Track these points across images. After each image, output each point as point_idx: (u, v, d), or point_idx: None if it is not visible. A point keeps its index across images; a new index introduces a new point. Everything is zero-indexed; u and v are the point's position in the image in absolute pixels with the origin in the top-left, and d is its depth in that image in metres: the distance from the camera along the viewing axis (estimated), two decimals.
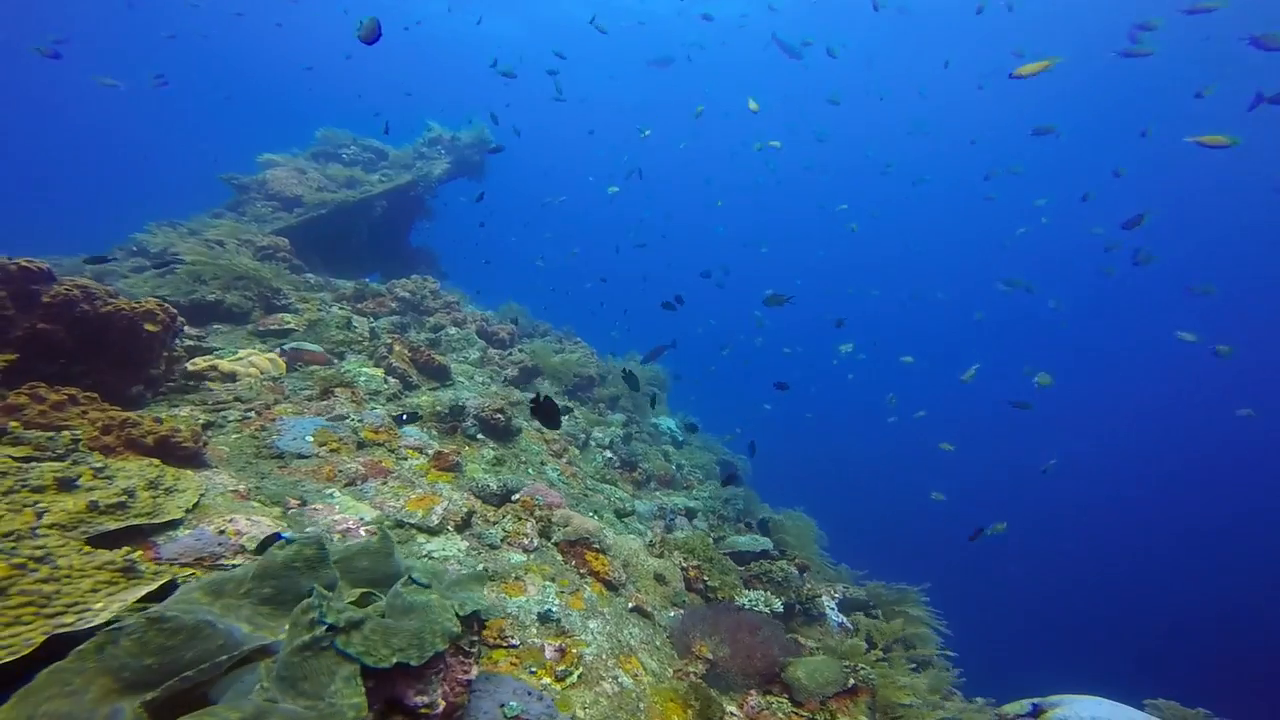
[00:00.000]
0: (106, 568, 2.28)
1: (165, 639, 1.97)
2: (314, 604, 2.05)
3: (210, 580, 2.35)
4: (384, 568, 2.73)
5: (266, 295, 7.64)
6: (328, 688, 1.96)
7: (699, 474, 8.71)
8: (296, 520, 3.66)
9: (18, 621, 2.01)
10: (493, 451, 5.63)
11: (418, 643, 2.18)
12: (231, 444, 4.34)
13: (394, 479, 4.49)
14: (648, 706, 3.32)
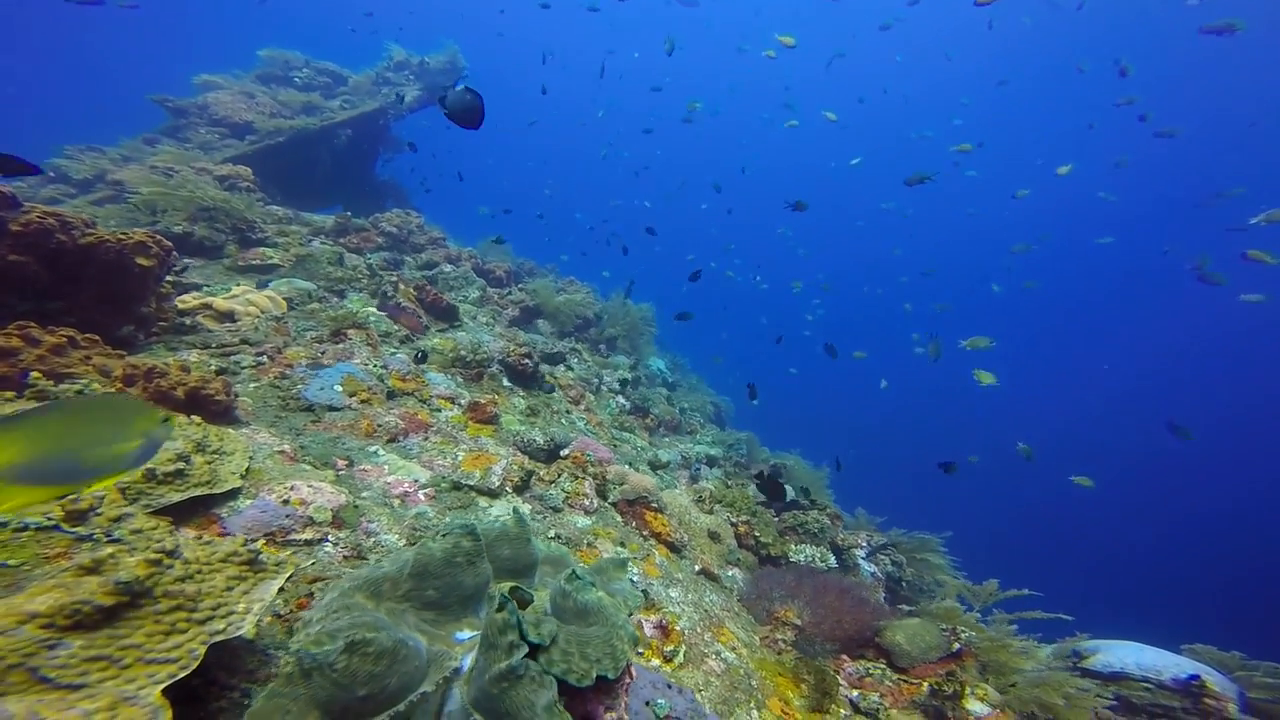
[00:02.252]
0: (232, 560, 1.96)
1: (371, 665, 1.68)
2: (512, 622, 1.80)
3: (362, 579, 2.05)
4: (523, 555, 2.47)
5: (240, 228, 6.95)
6: (535, 709, 1.75)
7: (698, 417, 8.65)
8: (350, 485, 3.34)
9: (175, 630, 1.69)
10: (524, 400, 5.33)
11: (610, 651, 1.96)
12: (252, 394, 3.92)
13: (434, 434, 4.17)
14: (759, 684, 3.23)
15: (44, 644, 1.52)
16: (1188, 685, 4.63)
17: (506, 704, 1.76)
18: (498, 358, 5.56)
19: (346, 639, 1.66)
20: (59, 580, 1.66)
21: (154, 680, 1.63)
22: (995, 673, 4.10)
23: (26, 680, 1.46)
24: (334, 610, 1.87)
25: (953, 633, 4.14)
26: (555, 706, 1.76)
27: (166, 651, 1.67)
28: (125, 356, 3.45)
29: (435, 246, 8.83)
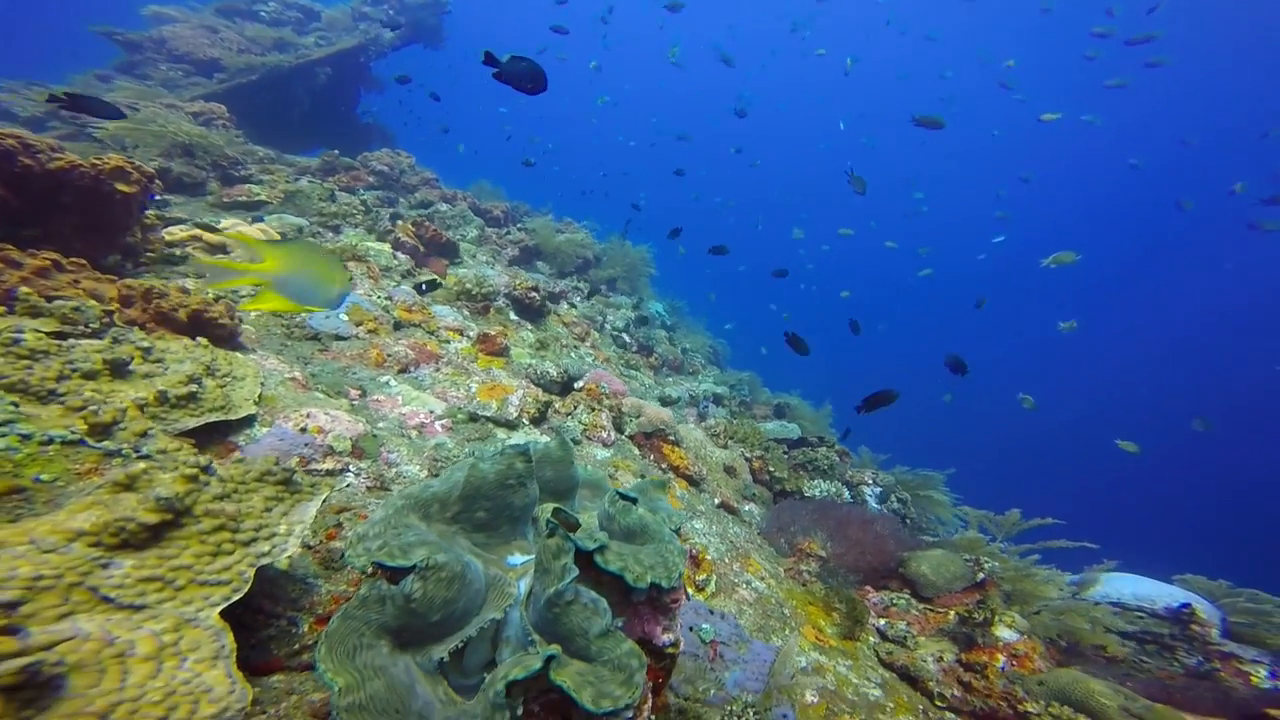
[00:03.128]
0: (267, 480, 1.82)
1: (445, 590, 1.56)
2: (566, 547, 1.70)
3: (412, 498, 1.92)
4: (565, 478, 2.37)
5: (221, 165, 6.58)
6: (589, 647, 1.68)
7: (700, 358, 8.57)
8: (365, 415, 3.20)
9: (221, 551, 1.57)
10: (532, 334, 5.17)
11: (663, 562, 1.86)
12: (254, 323, 3.72)
13: (445, 365, 4.02)
14: (792, 613, 3.22)
15: (97, 562, 1.41)
16: (1178, 614, 4.79)
17: (562, 628, 1.69)
18: (504, 291, 5.38)
19: (422, 560, 1.56)
20: (96, 497, 1.53)
21: (210, 602, 1.53)
22: (1020, 601, 4.12)
23: (90, 599, 1.36)
24: (392, 527, 1.76)
25: (976, 563, 4.14)
26: (610, 632, 1.69)
27: (217, 573, 1.56)
28: (126, 280, 3.23)
29: (428, 187, 8.47)
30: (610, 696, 1.57)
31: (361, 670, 1.58)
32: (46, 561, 1.38)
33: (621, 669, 1.63)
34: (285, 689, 1.99)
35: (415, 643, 1.73)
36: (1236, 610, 5.12)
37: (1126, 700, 3.48)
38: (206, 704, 1.44)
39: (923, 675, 3.46)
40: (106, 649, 1.36)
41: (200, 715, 1.42)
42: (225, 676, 1.50)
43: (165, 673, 1.41)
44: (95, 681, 1.32)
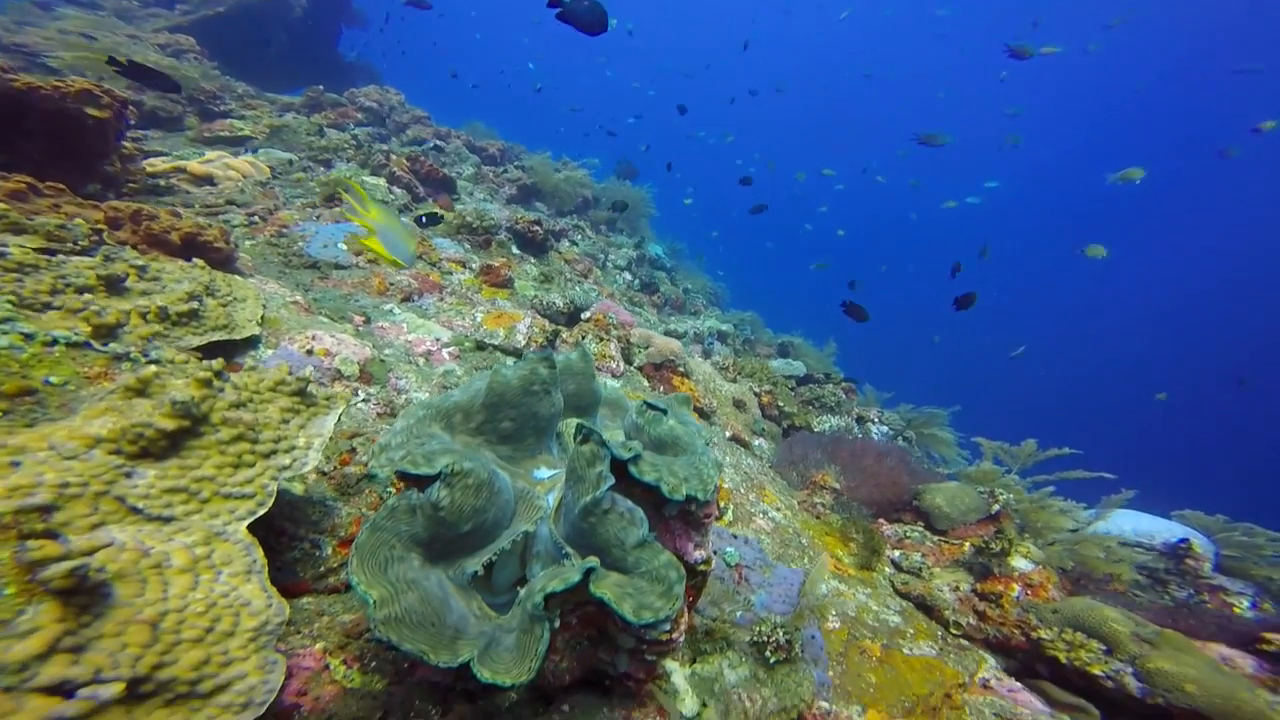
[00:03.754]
0: (281, 390, 1.71)
1: (473, 499, 1.48)
2: (600, 454, 1.61)
3: (433, 408, 1.82)
4: (587, 392, 2.27)
5: (198, 100, 6.24)
6: (625, 558, 1.61)
7: (701, 299, 8.45)
8: (371, 340, 3.09)
9: (242, 463, 1.48)
10: (535, 268, 5.02)
11: (697, 473, 1.77)
12: (250, 251, 3.56)
13: (449, 295, 3.88)
14: (809, 543, 3.18)
15: (120, 471, 1.32)
16: (1176, 549, 4.87)
17: (597, 539, 1.61)
18: (505, 225, 5.20)
19: (447, 466, 1.47)
20: (109, 403, 1.43)
21: (236, 516, 1.45)
22: (1035, 533, 4.12)
23: (119, 509, 1.29)
24: (415, 437, 1.67)
25: (990, 495, 4.11)
26: (647, 542, 1.62)
27: (240, 486, 1.47)
28: (113, 202, 3.05)
29: (420, 124, 8.13)
30: (650, 608, 1.51)
31: (395, 584, 1.51)
32: (70, 469, 1.29)
33: (660, 580, 1.57)
34: (316, 610, 1.94)
35: (446, 556, 1.66)
36: (1231, 544, 5.18)
37: (1137, 626, 3.53)
38: (247, 616, 1.38)
39: (939, 604, 3.47)
40: (144, 560, 1.29)
41: (243, 628, 1.37)
42: (261, 590, 1.44)
43: (203, 585, 1.35)
44: (139, 591, 1.26)
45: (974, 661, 3.22)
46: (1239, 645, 3.86)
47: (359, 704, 1.77)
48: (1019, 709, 3.00)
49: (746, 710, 2.15)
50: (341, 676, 1.81)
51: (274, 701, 1.71)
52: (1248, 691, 3.18)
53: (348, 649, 1.85)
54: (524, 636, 1.53)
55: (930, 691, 2.78)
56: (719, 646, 2.29)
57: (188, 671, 1.28)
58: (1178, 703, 3.15)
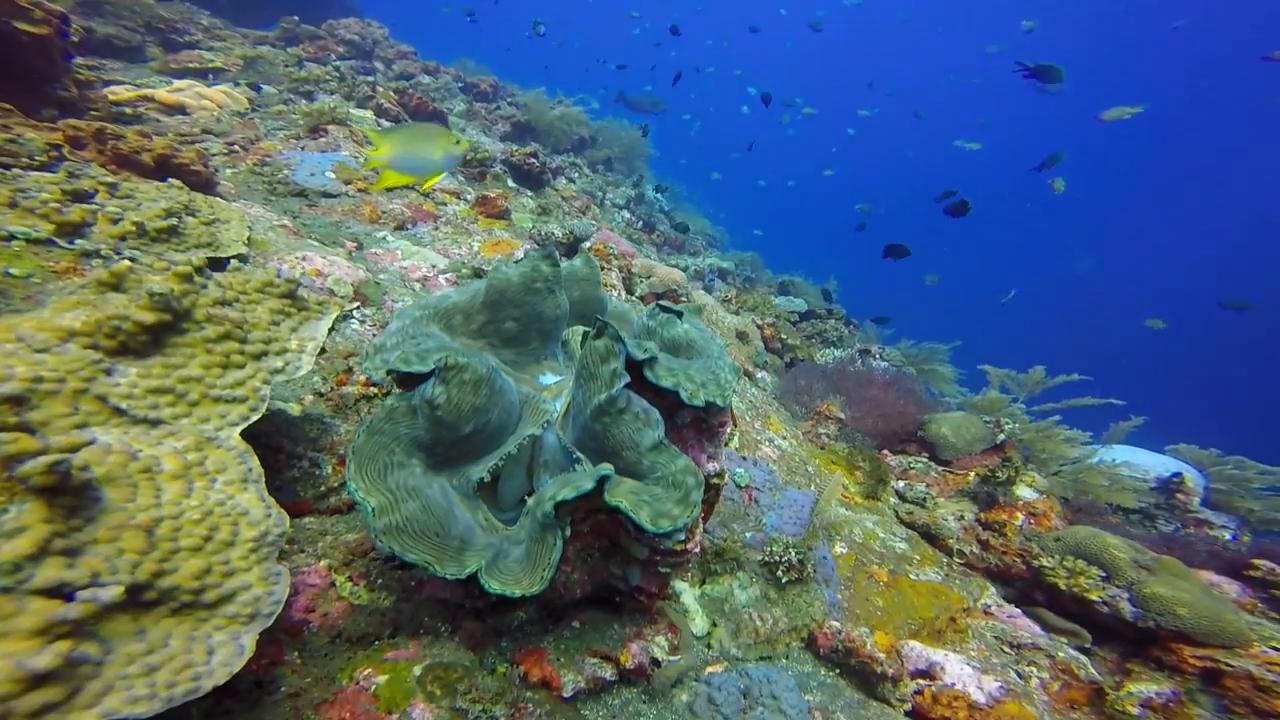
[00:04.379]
0: (270, 291, 1.60)
1: (472, 396, 1.40)
2: (615, 349, 1.52)
3: (430, 307, 1.72)
4: (593, 300, 2.18)
5: (159, 29, 5.90)
6: (640, 461, 1.53)
7: (700, 240, 8.28)
8: (363, 264, 2.97)
9: (231, 364, 1.39)
10: (532, 200, 4.86)
11: (715, 378, 1.68)
12: (231, 179, 3.40)
13: (444, 224, 3.75)
14: (816, 470, 3.15)
15: (99, 367, 1.23)
16: (1168, 484, 4.90)
17: (611, 440, 1.54)
18: (500, 158, 5.00)
19: (440, 361, 1.39)
20: (80, 297, 1.33)
21: (229, 421, 1.37)
22: (1039, 462, 4.10)
23: (101, 409, 1.22)
24: (410, 337, 1.57)
25: (996, 424, 4.07)
26: (663, 444, 1.55)
27: (230, 388, 1.39)
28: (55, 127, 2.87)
29: (406, 60, 7.77)
30: (668, 516, 1.45)
31: (394, 491, 1.44)
32: (43, 362, 1.20)
33: (677, 486, 1.51)
34: (318, 530, 1.89)
35: (450, 463, 1.59)
36: (1222, 478, 5.20)
37: (1137, 553, 3.55)
38: (246, 526, 1.33)
39: (943, 533, 3.48)
40: (132, 463, 1.22)
41: (243, 537, 1.31)
42: (259, 500, 1.37)
43: (198, 492, 1.28)
44: (130, 496, 1.20)
45: (978, 588, 3.25)
46: (1227, 572, 3.92)
47: (367, 620, 1.73)
48: (1019, 632, 3.04)
49: (757, 629, 2.14)
50: (348, 593, 1.77)
51: (282, 616, 1.68)
52: (1233, 614, 3.25)
53: (353, 566, 1.80)
54: (535, 546, 1.48)
55: (936, 615, 2.80)
56: (729, 567, 2.26)
57: (190, 580, 1.22)
58: (1167, 625, 3.20)
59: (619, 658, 1.80)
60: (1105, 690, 2.63)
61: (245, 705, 1.43)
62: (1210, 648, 3.16)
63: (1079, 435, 4.21)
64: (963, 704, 1.97)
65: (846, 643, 2.11)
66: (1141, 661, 3.31)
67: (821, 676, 2.12)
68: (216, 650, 1.23)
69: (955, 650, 2.48)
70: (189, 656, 1.18)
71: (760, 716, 1.70)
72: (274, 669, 1.55)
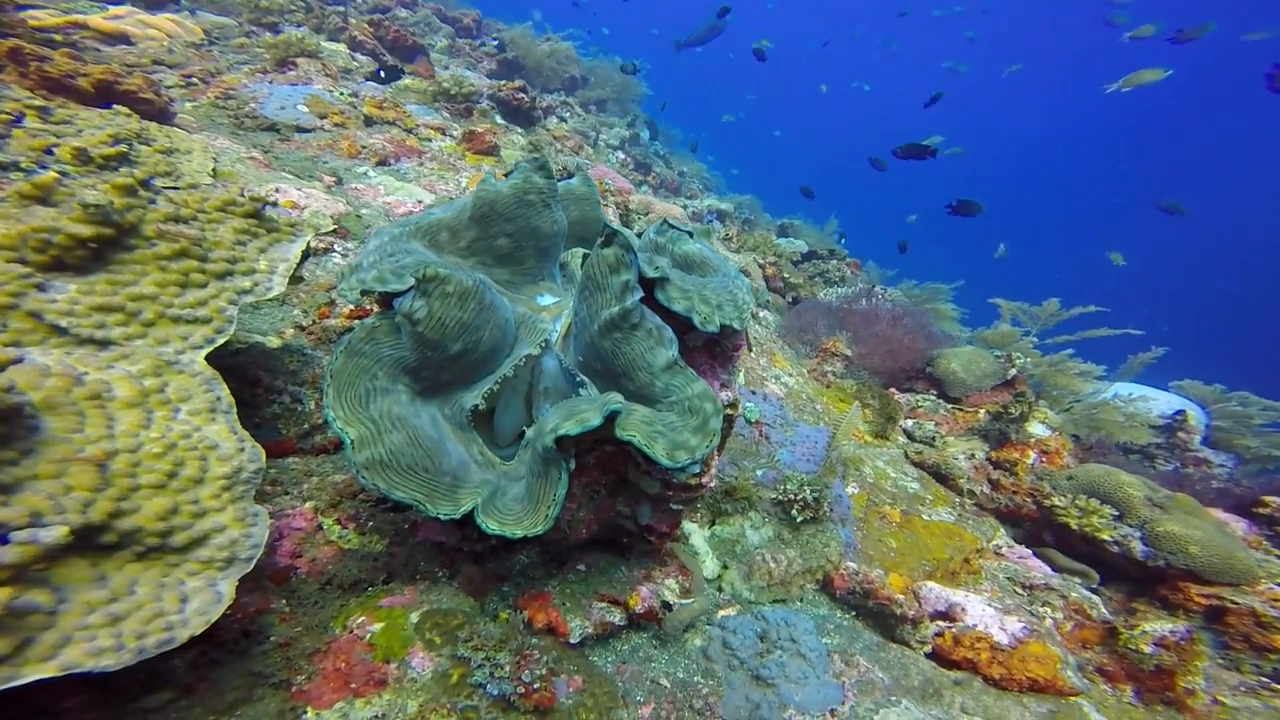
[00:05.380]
0: (232, 211, 1.42)
1: (457, 310, 1.25)
2: (626, 259, 1.35)
3: (412, 224, 1.55)
4: (592, 220, 2.00)
5: None
6: (653, 384, 1.38)
7: (696, 183, 8.03)
8: (343, 197, 2.77)
9: (191, 283, 1.22)
10: (522, 138, 4.61)
11: (732, 299, 1.52)
12: (191, 113, 3.16)
13: (429, 160, 3.53)
14: (824, 409, 3.02)
15: (29, 281, 1.06)
16: (1171, 421, 4.83)
17: (621, 360, 1.38)
18: (486, 93, 4.73)
19: (418, 272, 1.23)
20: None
21: (191, 343, 1.21)
22: (1051, 398, 4.01)
23: (37, 327, 1.06)
24: (390, 255, 1.41)
25: (1007, 359, 3.92)
26: (677, 365, 1.41)
27: (190, 307, 1.23)
28: None
29: None
30: (686, 448, 1.32)
31: (378, 421, 1.30)
32: None
33: (694, 412, 1.37)
34: (303, 470, 1.76)
35: (440, 389, 1.44)
36: (1225, 414, 5.12)
37: (1150, 491, 3.49)
38: (217, 461, 1.19)
39: (953, 473, 3.39)
40: (77, 388, 1.07)
41: (213, 474, 1.18)
42: (230, 432, 1.23)
43: (158, 423, 1.14)
44: (77, 426, 1.06)
45: (990, 528, 3.18)
46: (1235, 510, 3.87)
47: (359, 566, 1.62)
48: (1031, 573, 2.98)
49: (771, 571, 2.04)
50: (337, 537, 1.66)
51: (266, 561, 1.56)
52: (1243, 551, 3.20)
53: (341, 508, 1.68)
54: (536, 482, 1.35)
55: (950, 556, 2.72)
56: (740, 507, 2.16)
57: (154, 521, 1.09)
58: (1178, 564, 3.15)
59: (628, 601, 1.70)
60: (1118, 629, 2.59)
61: (233, 655, 1.32)
62: (1217, 585, 3.12)
63: (1093, 369, 4.09)
64: (985, 645, 1.90)
65: (864, 584, 2.02)
66: (1148, 601, 3.28)
67: (838, 619, 2.03)
68: (191, 598, 1.11)
69: (973, 591, 2.40)
70: (159, 605, 1.07)
71: (779, 660, 1.61)
72: (261, 618, 1.44)
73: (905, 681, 1.74)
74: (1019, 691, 1.86)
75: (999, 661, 1.87)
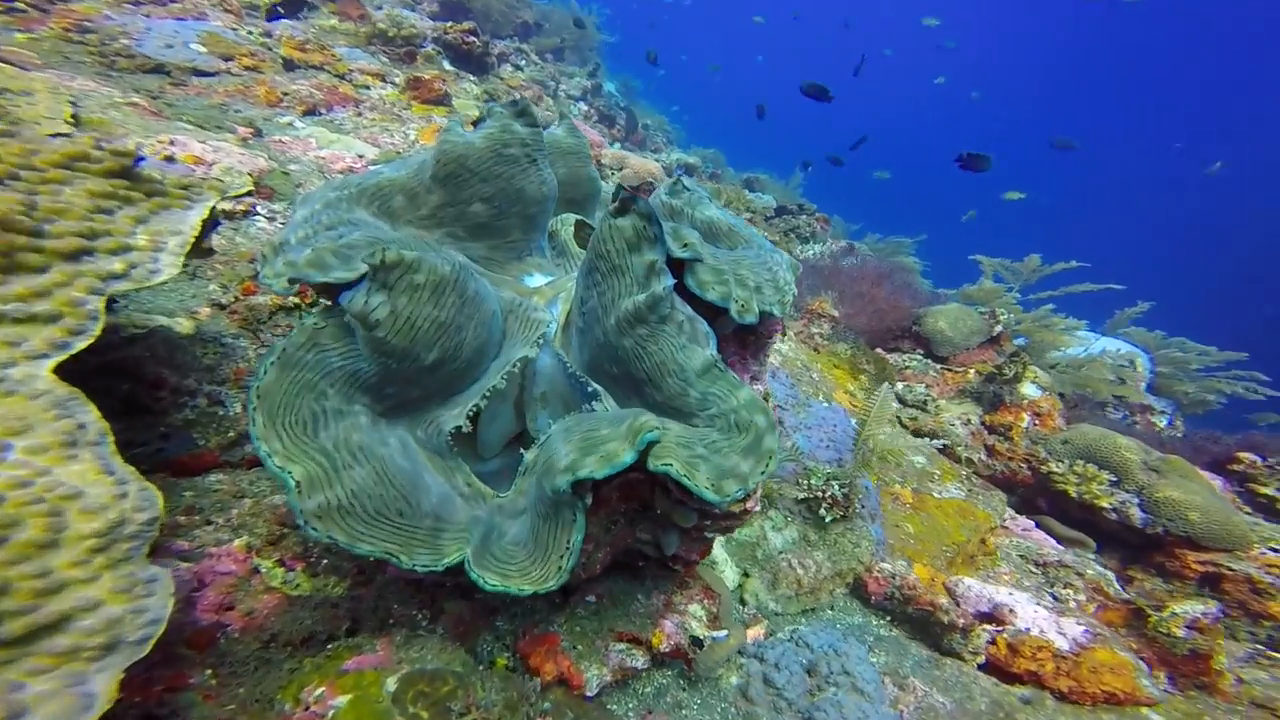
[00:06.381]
0: (81, 167, 1.00)
1: (430, 306, 0.91)
2: (649, 232, 1.01)
3: (352, 186, 1.16)
4: (582, 178, 1.66)
5: None
6: (687, 393, 1.05)
7: (661, 136, 7.61)
8: (264, 151, 2.31)
9: (16, 265, 0.83)
10: (476, 86, 4.11)
11: (771, 278, 1.21)
12: (30, 46, 2.58)
13: (369, 110, 3.06)
14: (821, 378, 2.76)
15: None
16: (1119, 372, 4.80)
17: (645, 363, 1.06)
18: (431, 35, 4.18)
19: (375, 258, 0.87)
20: None
21: (25, 351, 0.82)
22: (1037, 353, 3.88)
23: None
24: (325, 226, 1.03)
25: (992, 315, 3.78)
26: (716, 368, 1.09)
27: (20, 301, 0.83)
28: None
29: None
30: (735, 475, 1.00)
31: (332, 453, 0.94)
32: None
33: (742, 429, 1.05)
34: (231, 491, 1.38)
35: (409, 405, 1.08)
36: (1166, 360, 5.13)
37: (1145, 454, 3.39)
38: (80, 516, 0.83)
39: (951, 440, 3.23)
40: None
41: (74, 534, 0.83)
42: (101, 472, 0.86)
43: None
44: None
45: (999, 501, 3.01)
46: (1211, 467, 3.83)
47: (313, 616, 1.27)
48: (1044, 549, 2.84)
49: (799, 579, 1.78)
50: (281, 581, 1.31)
51: (182, 620, 1.19)
52: (1239, 516, 3.15)
53: (285, 544, 1.32)
54: (543, 525, 1.02)
55: (968, 539, 2.53)
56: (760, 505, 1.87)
57: None
58: (1177, 531, 3.05)
59: (650, 640, 1.41)
60: (1145, 611, 2.45)
61: None
62: (1213, 552, 3.06)
63: (1077, 324, 3.98)
64: (1047, 654, 1.69)
65: (904, 589, 1.79)
66: (1142, 568, 3.20)
67: (875, 628, 1.80)
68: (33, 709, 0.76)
69: (1000, 582, 2.20)
70: None
71: (834, 699, 1.35)
72: (175, 697, 1.10)
73: (970, 706, 1.52)
74: (1092, 705, 1.66)
75: (1066, 673, 1.66)
